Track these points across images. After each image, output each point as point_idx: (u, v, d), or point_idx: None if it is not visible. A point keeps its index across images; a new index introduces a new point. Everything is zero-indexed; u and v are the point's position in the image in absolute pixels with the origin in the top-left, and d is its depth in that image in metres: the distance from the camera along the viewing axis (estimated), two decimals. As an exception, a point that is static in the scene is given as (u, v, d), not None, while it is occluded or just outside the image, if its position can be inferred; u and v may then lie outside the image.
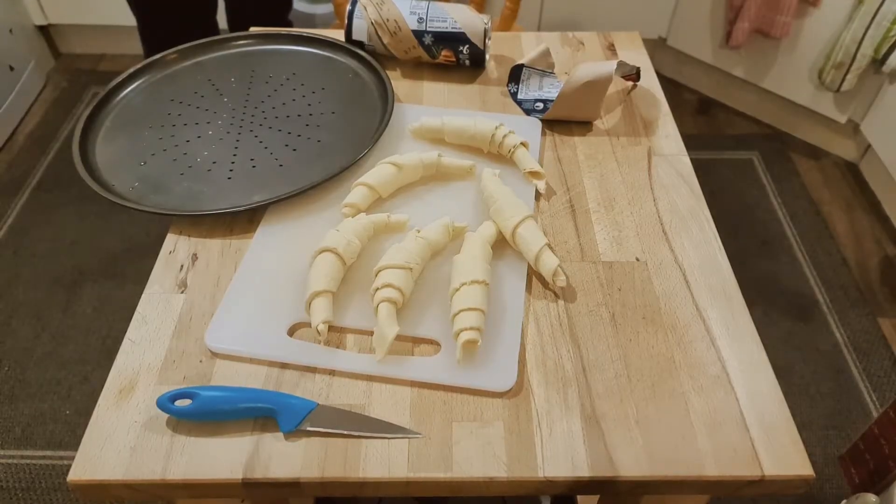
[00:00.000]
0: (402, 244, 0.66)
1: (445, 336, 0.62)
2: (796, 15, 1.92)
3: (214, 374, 0.60)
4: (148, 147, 0.81)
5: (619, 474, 0.54)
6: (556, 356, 0.62)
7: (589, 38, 1.02)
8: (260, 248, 0.70)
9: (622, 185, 0.78)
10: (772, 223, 1.91)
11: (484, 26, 0.90)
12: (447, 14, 0.90)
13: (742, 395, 0.59)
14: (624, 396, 0.59)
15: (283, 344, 0.62)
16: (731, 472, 0.54)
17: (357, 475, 0.54)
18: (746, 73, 2.16)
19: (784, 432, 0.57)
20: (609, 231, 0.73)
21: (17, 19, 2.10)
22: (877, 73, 1.87)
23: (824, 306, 1.71)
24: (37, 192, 1.86)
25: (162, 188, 0.75)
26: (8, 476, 1.30)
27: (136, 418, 0.57)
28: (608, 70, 0.83)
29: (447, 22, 0.90)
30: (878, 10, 1.75)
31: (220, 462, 0.54)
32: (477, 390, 0.59)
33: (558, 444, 0.56)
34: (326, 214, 0.74)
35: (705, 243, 0.72)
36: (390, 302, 0.62)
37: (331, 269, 0.64)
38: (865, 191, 2.02)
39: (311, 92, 0.88)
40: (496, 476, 0.54)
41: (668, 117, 0.88)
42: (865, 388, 1.54)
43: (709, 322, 0.64)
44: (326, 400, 0.58)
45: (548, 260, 0.66)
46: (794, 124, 2.19)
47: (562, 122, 0.86)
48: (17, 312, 1.58)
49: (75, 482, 0.54)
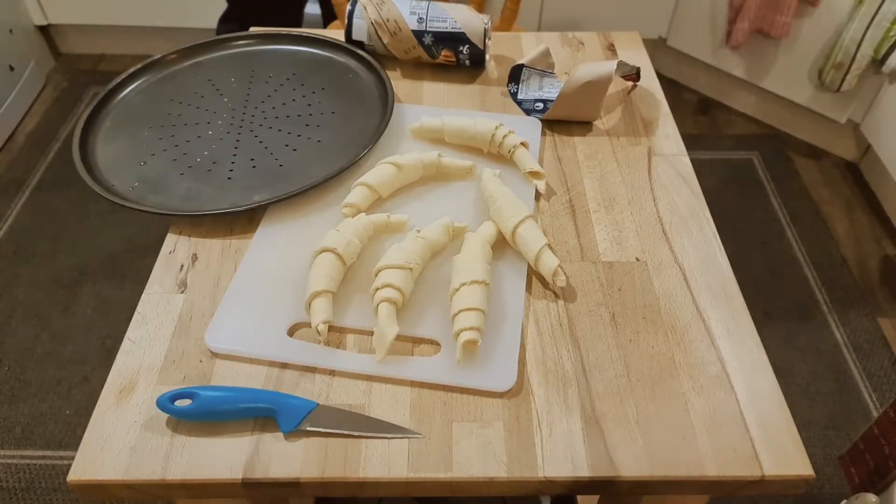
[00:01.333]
0: (402, 244, 0.66)
1: (445, 336, 0.62)
2: (796, 15, 1.92)
3: (214, 374, 0.60)
4: (148, 147, 0.81)
5: (619, 474, 0.54)
6: (556, 356, 0.62)
7: (589, 38, 1.02)
8: (260, 248, 0.70)
9: (622, 185, 0.78)
10: (772, 223, 1.91)
11: (484, 26, 0.90)
12: (447, 14, 0.90)
13: (742, 395, 0.59)
14: (624, 396, 0.59)
15: (283, 344, 0.62)
16: (731, 472, 0.54)
17: (357, 475, 0.54)
18: (746, 73, 2.16)
19: (784, 432, 0.57)
20: (609, 231, 0.73)
21: (17, 19, 2.10)
22: (877, 74, 1.87)
23: (824, 306, 1.71)
24: (37, 192, 1.86)
25: (162, 188, 0.75)
26: (8, 476, 1.30)
27: (136, 418, 0.57)
28: (608, 70, 0.83)
29: (447, 22, 0.90)
30: (878, 11, 1.75)
31: (220, 462, 0.54)
32: (477, 390, 0.59)
33: (558, 444, 0.56)
34: (326, 214, 0.74)
35: (705, 243, 0.72)
36: (390, 302, 0.62)
37: (331, 269, 0.64)
38: (865, 191, 2.02)
39: (311, 92, 0.88)
40: (496, 476, 0.54)
41: (668, 117, 0.88)
42: (865, 388, 1.54)
43: (709, 322, 0.64)
44: (326, 400, 0.58)
45: (548, 260, 0.66)
46: (794, 124, 2.19)
47: (562, 122, 0.86)
48: (16, 312, 1.58)
49: (75, 482, 0.54)
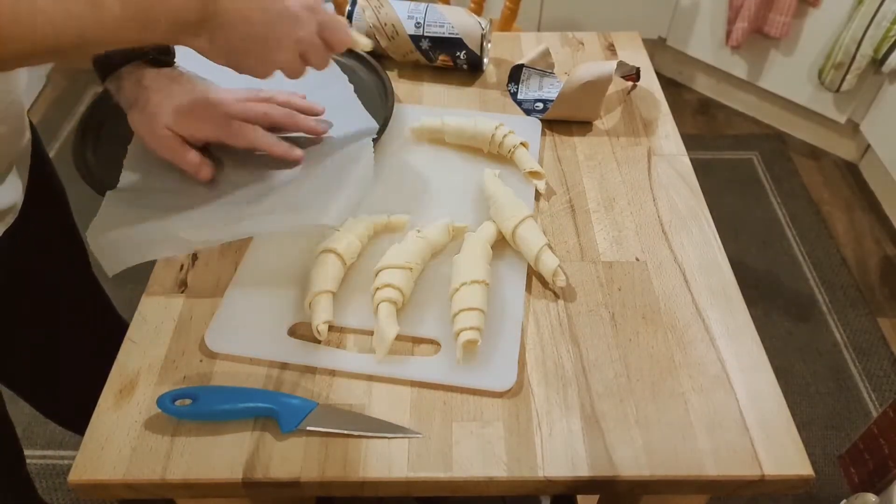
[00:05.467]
0: (402, 244, 0.66)
1: (445, 336, 0.62)
2: (796, 15, 1.92)
3: (214, 374, 0.60)
4: (148, 147, 0.80)
5: (618, 474, 0.54)
6: (556, 356, 0.62)
7: (589, 39, 1.02)
8: (260, 248, 0.70)
9: (622, 185, 0.78)
10: (772, 223, 1.91)
11: (481, 32, 0.89)
12: (444, 19, 0.90)
13: (742, 395, 0.59)
14: (624, 396, 0.59)
15: (283, 344, 0.62)
16: (730, 472, 0.54)
17: (357, 475, 0.54)
18: (746, 73, 2.16)
19: (784, 432, 0.57)
20: (609, 231, 0.73)
21: (17, 19, 2.10)
22: (876, 74, 1.87)
23: (824, 306, 1.71)
24: (37, 193, 1.86)
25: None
26: (8, 476, 1.30)
27: (137, 418, 0.57)
28: (608, 70, 0.83)
29: (444, 27, 0.89)
30: (878, 10, 1.75)
31: (220, 462, 0.54)
32: (477, 390, 0.59)
33: (558, 443, 0.56)
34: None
35: (705, 243, 0.72)
36: (390, 302, 0.62)
37: (331, 269, 0.64)
38: (865, 191, 2.02)
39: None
40: (496, 476, 0.54)
41: (668, 117, 0.88)
42: (865, 388, 1.54)
43: (709, 322, 0.64)
44: (326, 400, 0.58)
45: (548, 260, 0.66)
46: (794, 124, 2.19)
47: (562, 122, 0.86)
48: (17, 312, 1.58)
49: (76, 482, 0.54)
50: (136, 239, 0.67)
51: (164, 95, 0.71)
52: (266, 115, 0.75)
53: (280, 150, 0.74)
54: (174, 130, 0.71)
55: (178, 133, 0.71)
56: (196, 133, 0.72)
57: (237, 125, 0.73)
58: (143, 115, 0.71)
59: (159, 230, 0.67)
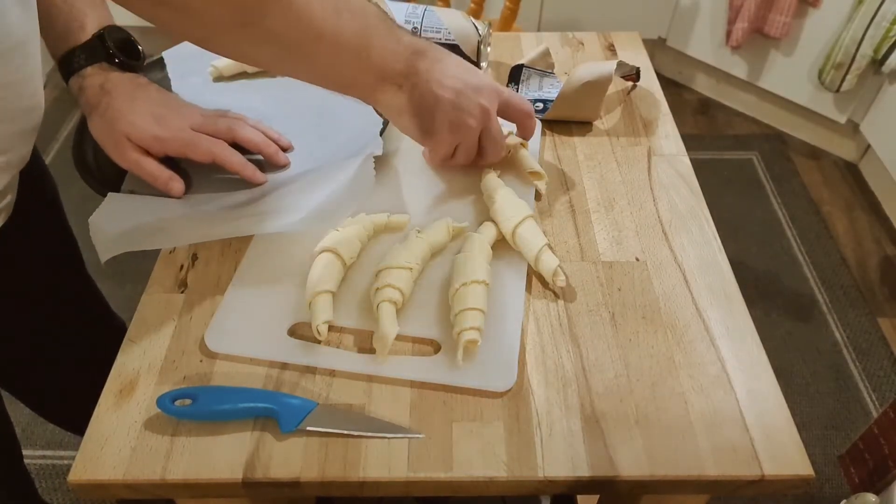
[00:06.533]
0: (402, 244, 0.66)
1: (445, 336, 0.62)
2: (796, 15, 1.92)
3: (214, 374, 0.60)
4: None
5: (618, 474, 0.54)
6: (556, 356, 0.62)
7: (589, 39, 1.02)
8: (260, 248, 0.70)
9: (622, 185, 0.78)
10: (772, 223, 1.91)
11: (478, 38, 0.88)
12: (442, 24, 0.89)
13: (742, 395, 0.59)
14: (624, 396, 0.59)
15: (283, 344, 0.62)
16: (730, 472, 0.54)
17: (357, 475, 0.54)
18: (746, 73, 2.16)
19: (784, 432, 0.57)
20: (609, 231, 0.73)
21: (17, 19, 2.10)
22: (876, 74, 1.88)
23: (824, 306, 1.71)
24: (37, 193, 1.86)
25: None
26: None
27: (136, 418, 0.57)
28: (608, 70, 0.83)
29: (441, 33, 0.88)
30: (878, 11, 1.75)
31: (220, 462, 0.54)
32: (477, 390, 0.59)
33: (558, 443, 0.56)
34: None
35: (705, 243, 0.72)
36: (391, 302, 0.62)
37: (331, 269, 0.64)
38: (865, 191, 2.02)
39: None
40: (496, 476, 0.54)
41: (668, 117, 0.88)
42: (865, 388, 1.54)
43: (709, 322, 0.64)
44: (326, 400, 0.58)
45: (548, 260, 0.66)
46: (794, 124, 2.20)
47: (562, 123, 0.86)
48: (16, 312, 1.58)
49: (75, 482, 0.54)
50: (132, 228, 0.66)
51: (127, 101, 0.69)
52: (230, 131, 0.72)
53: (246, 173, 0.72)
54: (133, 140, 0.69)
55: (136, 142, 0.69)
56: (154, 144, 0.69)
57: (199, 137, 0.70)
58: (102, 121, 0.69)
59: (156, 221, 0.67)
